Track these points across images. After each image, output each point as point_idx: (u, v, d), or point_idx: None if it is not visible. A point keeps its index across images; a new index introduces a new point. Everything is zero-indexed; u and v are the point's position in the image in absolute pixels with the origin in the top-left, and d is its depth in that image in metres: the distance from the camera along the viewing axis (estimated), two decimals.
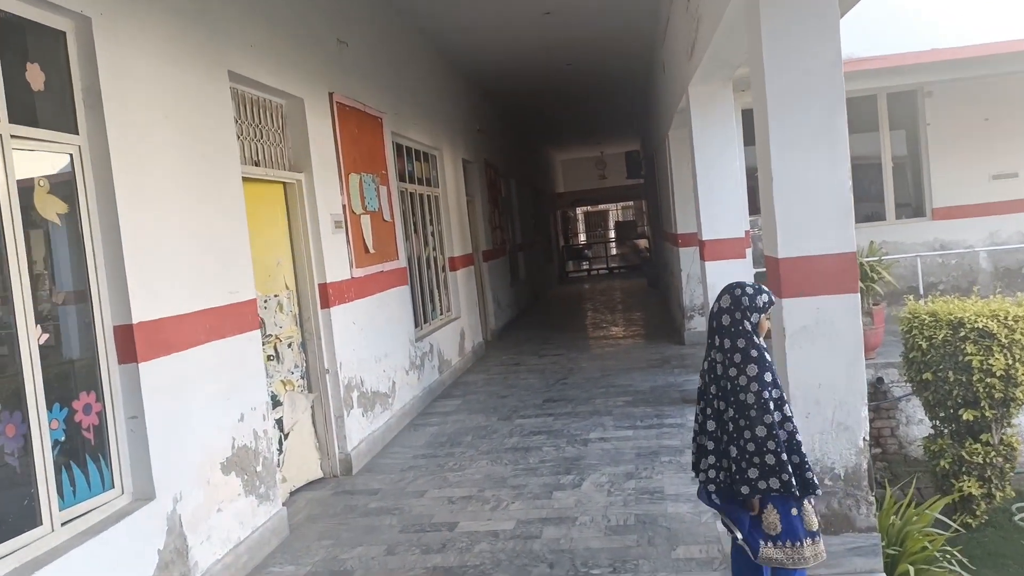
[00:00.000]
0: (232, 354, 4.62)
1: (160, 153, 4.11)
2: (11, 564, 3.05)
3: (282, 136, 6.00)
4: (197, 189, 4.40)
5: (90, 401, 3.60)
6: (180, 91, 4.33)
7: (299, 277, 6.12)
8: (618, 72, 13.68)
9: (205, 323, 4.34)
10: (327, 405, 6.18)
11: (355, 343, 6.63)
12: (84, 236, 3.63)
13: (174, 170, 4.21)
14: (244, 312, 4.81)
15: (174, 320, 4.05)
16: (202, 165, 4.49)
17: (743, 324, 3.07)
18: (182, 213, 4.23)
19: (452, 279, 10.60)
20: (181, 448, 4.02)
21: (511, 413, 7.82)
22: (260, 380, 4.96)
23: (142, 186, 3.90)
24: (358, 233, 6.94)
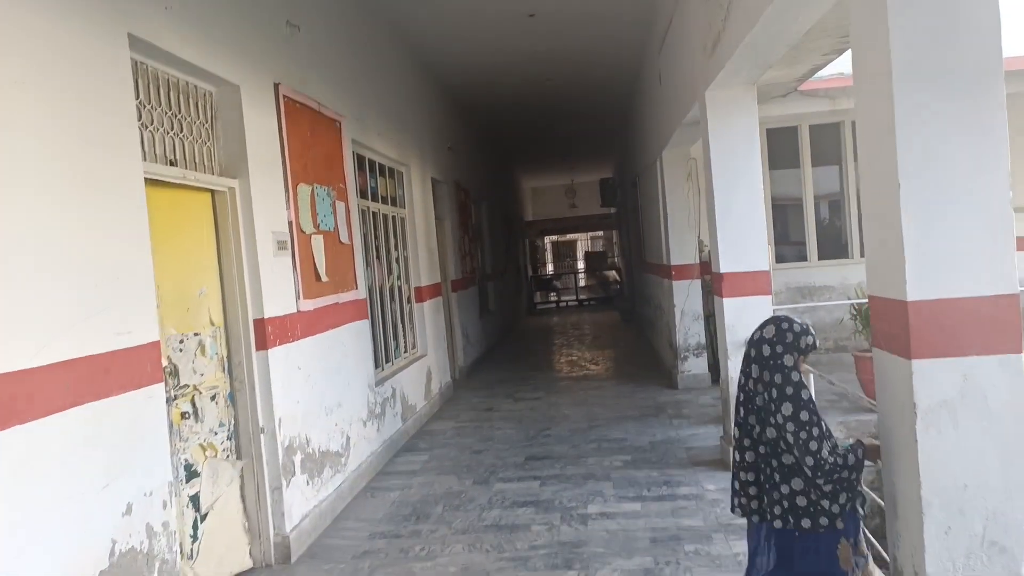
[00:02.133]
0: (118, 419, 3.32)
1: (5, 135, 2.82)
2: None
3: (211, 132, 4.73)
4: (69, 190, 3.12)
5: None
6: (47, 49, 3.06)
7: (229, 311, 4.82)
8: (601, 89, 12.64)
9: (72, 379, 3.04)
10: (260, 474, 4.85)
11: (300, 392, 5.33)
12: None
13: (29, 162, 2.92)
14: (140, 360, 3.51)
15: (12, 379, 2.74)
16: (80, 158, 3.21)
17: (782, 359, 2.89)
18: (38, 224, 2.94)
19: (419, 312, 9.33)
20: (17, 571, 2.69)
21: (488, 475, 6.55)
22: (161, 452, 3.65)
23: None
24: (307, 257, 5.67)
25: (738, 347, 6.09)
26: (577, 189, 27.44)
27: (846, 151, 10.26)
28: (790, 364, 2.87)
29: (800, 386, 2.85)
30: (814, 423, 2.78)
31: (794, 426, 2.78)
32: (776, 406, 2.83)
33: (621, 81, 12.17)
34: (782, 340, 2.92)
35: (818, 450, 2.75)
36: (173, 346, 4.30)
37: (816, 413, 2.81)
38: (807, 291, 10.26)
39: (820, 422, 2.80)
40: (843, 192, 10.37)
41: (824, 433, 2.79)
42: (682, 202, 9.50)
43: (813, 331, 2.99)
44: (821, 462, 2.74)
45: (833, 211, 10.60)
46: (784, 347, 2.90)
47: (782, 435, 2.84)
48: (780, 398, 2.83)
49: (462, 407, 9.63)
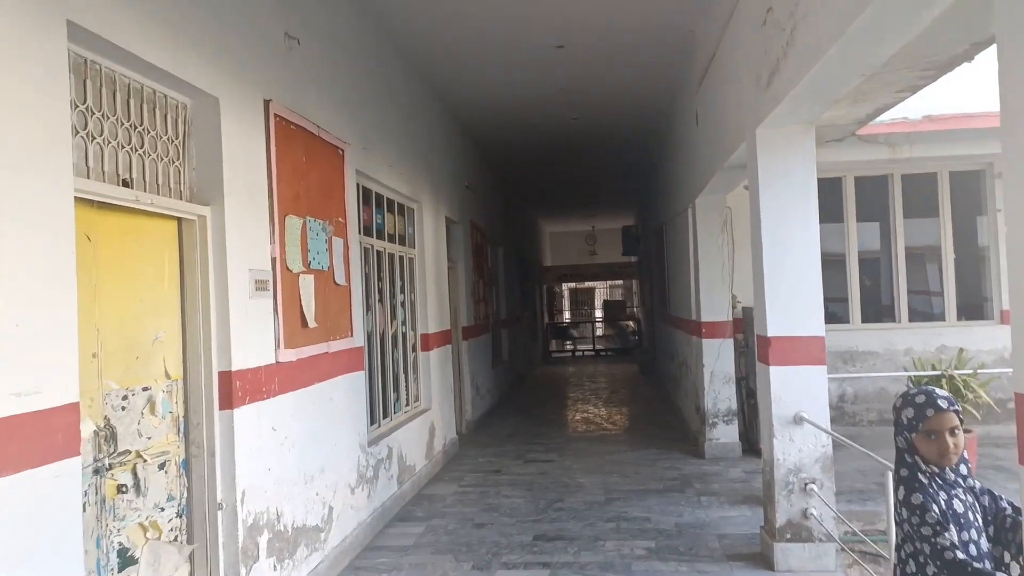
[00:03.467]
0: (9, 508, 2.54)
1: None
2: None
3: (180, 150, 4.02)
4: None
5: None
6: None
7: (190, 361, 4.06)
8: (629, 129, 11.96)
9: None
10: (215, 559, 4.04)
11: (272, 458, 4.54)
12: None
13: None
14: (48, 428, 2.74)
15: None
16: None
17: (896, 441, 2.68)
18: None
19: (424, 361, 8.55)
20: None
21: (490, 557, 5.69)
22: (70, 547, 2.85)
23: None
24: (293, 299, 4.92)
25: (785, 423, 5.25)
26: (598, 236, 26.82)
27: (895, 205, 9.48)
28: (902, 446, 2.66)
29: (913, 468, 2.60)
30: (926, 508, 2.48)
31: (907, 512, 2.53)
32: (895, 492, 2.65)
33: (651, 122, 11.50)
34: (894, 421, 2.71)
35: (932, 536, 2.44)
36: (113, 403, 3.54)
37: (931, 498, 2.51)
38: (849, 356, 9.40)
39: (930, 507, 2.48)
40: (891, 250, 9.56)
41: (940, 525, 2.45)
42: (715, 254, 8.73)
43: (921, 397, 2.64)
44: (939, 549, 2.42)
45: (876, 270, 9.78)
46: (895, 428, 2.70)
47: (901, 526, 2.60)
48: (896, 483, 2.65)
49: (467, 467, 8.78)
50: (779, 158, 5.28)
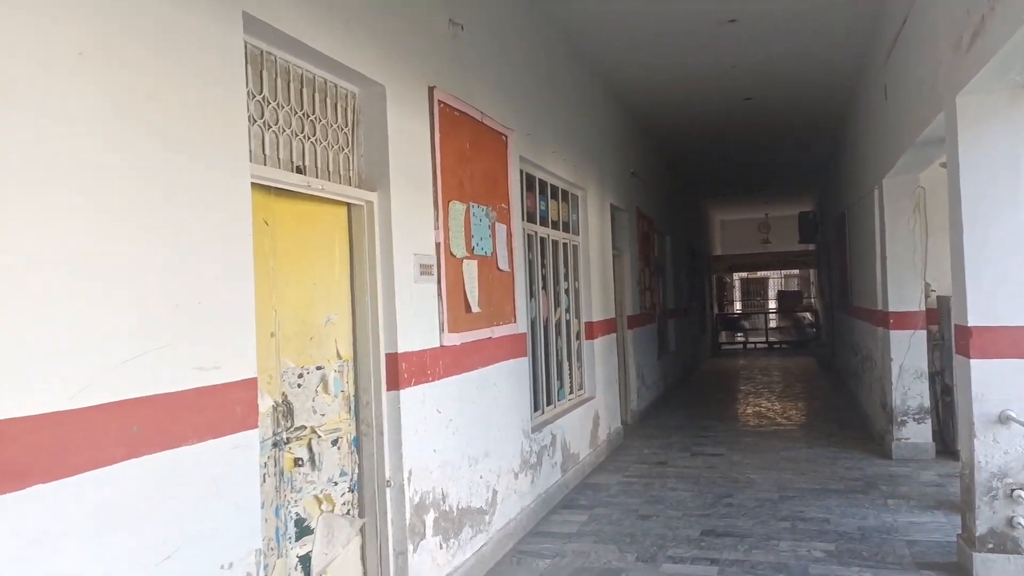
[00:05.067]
0: (191, 474, 2.70)
1: (54, 120, 2.27)
2: None
3: (350, 137, 4.15)
4: (142, 193, 2.55)
5: None
6: (122, 17, 2.52)
7: (359, 342, 4.19)
8: (808, 110, 11.27)
9: (127, 423, 2.43)
10: (384, 535, 4.16)
11: (437, 440, 4.62)
12: None
13: (85, 156, 2.36)
14: (227, 401, 2.89)
15: (40, 423, 2.15)
16: (158, 156, 2.64)
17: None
18: (89, 234, 2.36)
19: (588, 349, 8.46)
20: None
21: (655, 550, 5.52)
22: (249, 515, 3.00)
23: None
24: (457, 284, 4.98)
25: (989, 422, 4.72)
26: (771, 223, 25.66)
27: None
28: None
29: None
30: None
31: None
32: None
33: (832, 100, 10.77)
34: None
35: None
36: (290, 381, 3.71)
37: None
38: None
39: None
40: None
41: None
42: (905, 239, 8.03)
43: None
44: None
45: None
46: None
47: None
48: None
49: (631, 458, 8.61)
50: (982, 128, 4.73)
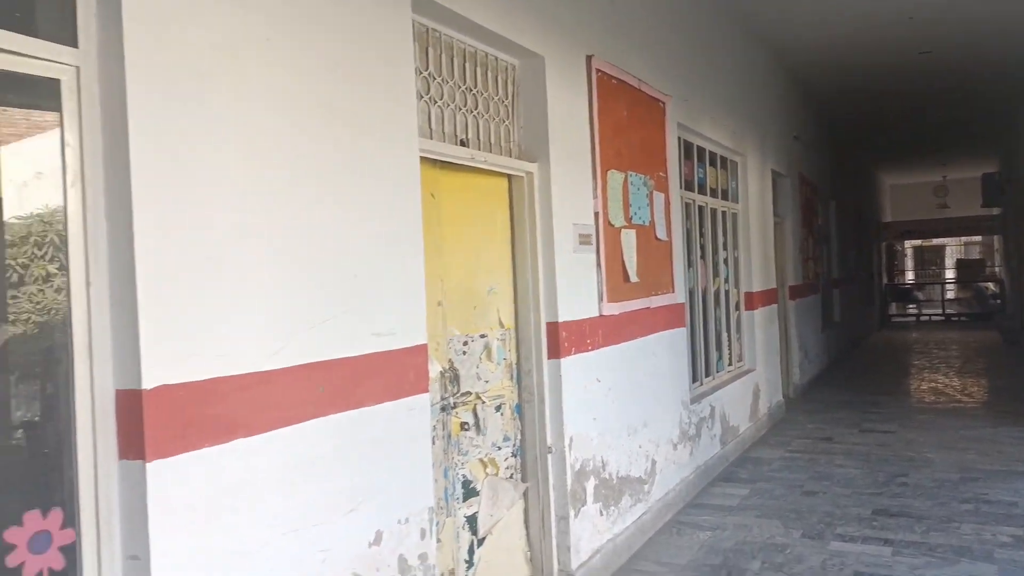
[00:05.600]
0: (370, 434, 2.87)
1: (245, 102, 2.45)
2: None
3: (510, 109, 4.22)
4: (319, 171, 2.71)
5: (49, 527, 1.99)
6: (300, 1, 2.67)
7: (520, 312, 4.28)
8: (992, 61, 10.31)
9: (314, 384, 2.62)
10: (546, 499, 4.26)
11: (597, 409, 4.65)
12: (70, 233, 2.05)
13: (271, 137, 2.53)
14: (401, 366, 3.05)
15: (242, 381, 2.36)
16: (336, 133, 2.79)
17: None
18: (278, 206, 2.54)
19: (748, 320, 8.22)
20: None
21: (823, 527, 5.33)
22: (422, 474, 3.16)
23: (197, 157, 2.26)
24: (615, 254, 4.97)
25: None
26: (949, 186, 23.76)
27: None
28: None
29: None
30: None
31: None
32: None
33: (1022, 49, 9.80)
34: None
35: None
36: (455, 348, 3.85)
37: None
38: None
39: None
40: None
41: None
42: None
43: None
44: None
45: None
46: None
47: None
48: None
49: (794, 433, 8.32)
50: None
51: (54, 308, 2.03)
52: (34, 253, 2.00)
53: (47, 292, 2.01)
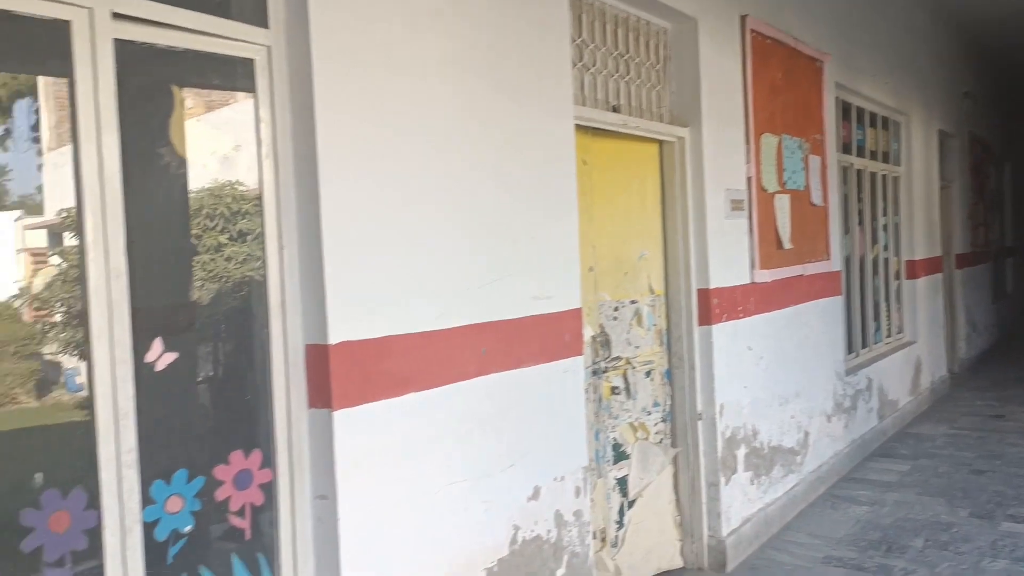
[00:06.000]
0: (527, 393, 2.98)
1: (420, 74, 2.58)
2: None
3: (661, 74, 4.18)
4: (478, 139, 2.81)
5: (250, 467, 2.22)
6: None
7: (670, 278, 4.27)
8: None
9: (475, 345, 2.75)
10: (696, 465, 4.26)
11: (748, 376, 4.59)
12: (265, 201, 2.24)
13: (436, 106, 2.65)
14: (557, 329, 3.14)
15: (413, 340, 2.51)
16: (495, 102, 2.89)
17: None
18: (442, 174, 2.66)
19: (909, 290, 7.79)
20: (408, 548, 2.48)
21: (993, 507, 5.04)
22: (576, 434, 3.25)
23: (376, 129, 2.41)
24: (768, 219, 4.85)
25: None
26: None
27: None
28: None
29: None
30: None
31: None
32: None
33: None
34: None
35: None
36: (606, 314, 3.91)
37: None
38: None
39: None
40: None
41: None
42: None
43: None
44: None
45: None
46: None
47: None
48: None
49: (960, 409, 7.85)
50: None
51: (254, 271, 2.24)
52: (234, 220, 2.21)
53: (249, 257, 2.22)
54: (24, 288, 10.40)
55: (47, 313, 9.84)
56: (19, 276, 11.15)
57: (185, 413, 2.24)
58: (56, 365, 9.58)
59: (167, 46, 2.03)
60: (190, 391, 2.23)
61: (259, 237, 2.23)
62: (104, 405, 1.84)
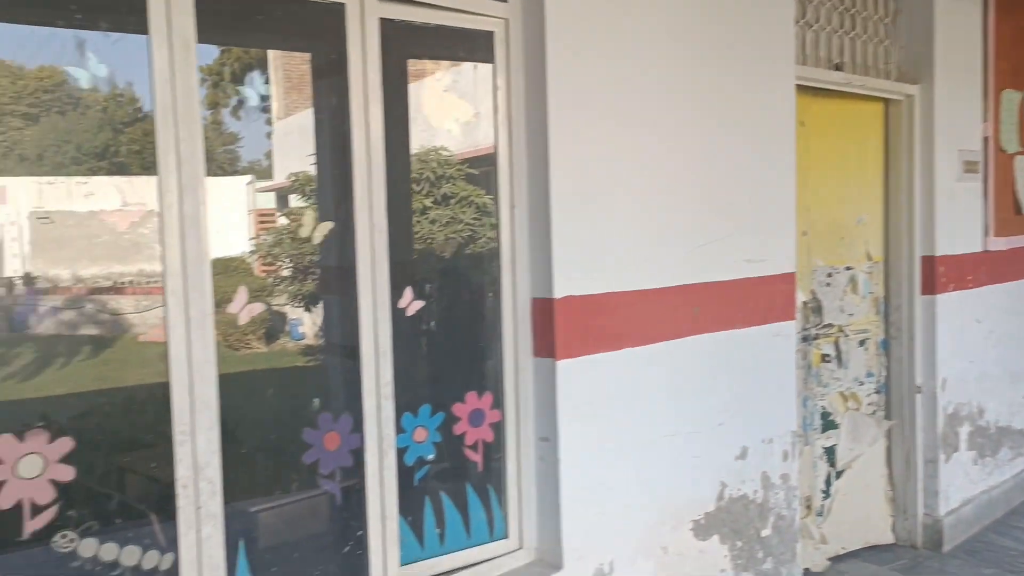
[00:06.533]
0: (737, 355, 3.01)
1: (648, 38, 2.65)
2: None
3: (890, 28, 3.97)
4: (690, 100, 2.84)
5: (483, 407, 2.44)
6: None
7: (891, 244, 4.08)
8: None
9: (688, 305, 2.81)
10: (912, 441, 4.08)
11: (975, 350, 4.31)
12: (499, 164, 2.42)
13: (664, 68, 2.71)
14: (769, 292, 3.13)
15: (631, 298, 2.62)
16: (723, 57, 2.90)
17: None
18: (665, 139, 2.72)
19: None
20: (622, 492, 2.62)
21: None
22: (785, 398, 3.24)
23: (604, 94, 2.52)
24: (1005, 182, 4.47)
25: None
26: None
27: None
28: None
29: None
30: None
31: None
32: None
33: None
34: None
35: None
36: (819, 280, 3.82)
37: None
38: None
39: None
40: None
41: None
42: None
43: None
44: None
45: None
46: None
47: None
48: None
49: None
50: None
51: (488, 229, 2.43)
52: (472, 181, 2.40)
53: (483, 216, 2.42)
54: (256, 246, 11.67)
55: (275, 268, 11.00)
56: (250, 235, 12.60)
57: (429, 354, 2.49)
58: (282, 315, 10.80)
59: (421, 23, 2.24)
60: (433, 335, 2.48)
61: (493, 198, 2.41)
62: (367, 343, 2.11)
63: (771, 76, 3.10)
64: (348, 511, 2.19)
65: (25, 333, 14.24)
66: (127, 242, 16.65)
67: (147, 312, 13.52)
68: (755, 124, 3.06)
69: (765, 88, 3.08)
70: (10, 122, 27.22)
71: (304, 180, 7.09)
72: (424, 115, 2.58)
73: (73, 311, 14.60)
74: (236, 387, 1.83)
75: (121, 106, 27.07)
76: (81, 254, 16.58)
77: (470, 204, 4.54)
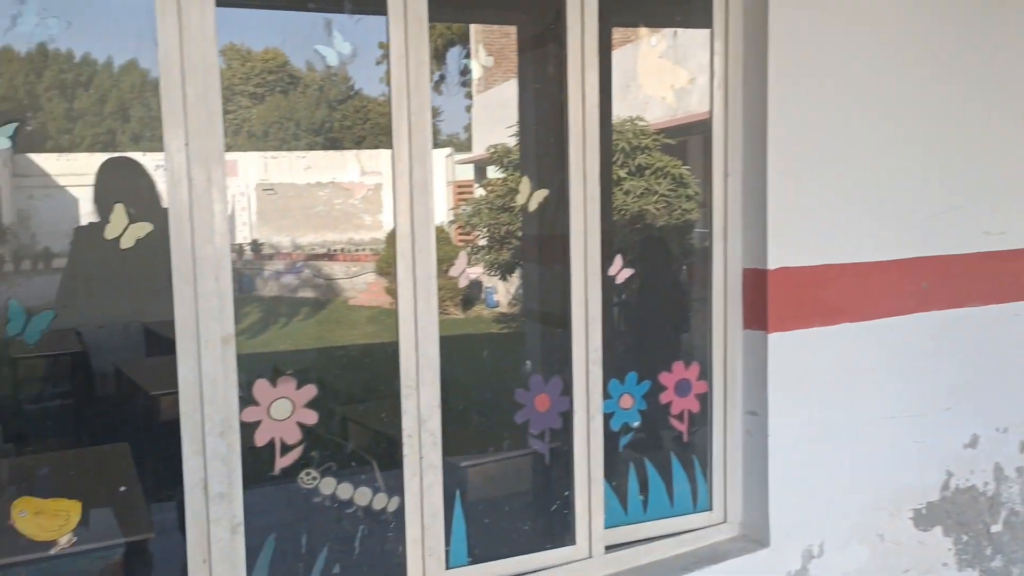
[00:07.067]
0: (970, 334, 2.77)
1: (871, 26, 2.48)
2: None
3: None
4: (936, 62, 2.61)
5: (689, 377, 2.41)
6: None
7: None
8: None
9: (915, 279, 2.62)
10: None
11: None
12: (713, 131, 2.36)
13: (893, 28, 2.52)
14: (1009, 268, 2.85)
15: (851, 270, 2.48)
16: (956, 19, 2.65)
17: None
18: (897, 100, 2.53)
19: None
20: (834, 473, 2.51)
21: None
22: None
23: (827, 59, 2.39)
24: None
25: None
26: None
27: None
28: None
29: None
30: None
31: None
32: None
33: None
34: None
35: None
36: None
37: None
38: None
39: None
40: None
41: None
42: None
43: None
44: None
45: None
46: None
47: None
48: None
49: None
50: None
51: (699, 197, 2.39)
52: (683, 149, 2.37)
53: (693, 184, 2.38)
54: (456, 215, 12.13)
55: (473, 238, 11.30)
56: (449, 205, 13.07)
57: (637, 322, 2.50)
58: (478, 283, 11.13)
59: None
60: (641, 303, 2.48)
61: (690, 169, 2.37)
62: (578, 309, 2.15)
63: (1020, 27, 2.80)
64: (556, 471, 2.26)
65: (252, 294, 15.74)
66: (339, 212, 17.91)
67: (356, 278, 14.52)
68: (1000, 86, 2.77)
69: (1015, 44, 2.78)
70: (240, 101, 29.88)
71: (502, 152, 7.27)
72: (628, 84, 2.56)
73: (292, 275, 15.95)
74: (448, 349, 1.92)
75: (335, 85, 28.97)
76: (299, 223, 18.03)
77: (666, 175, 4.46)
